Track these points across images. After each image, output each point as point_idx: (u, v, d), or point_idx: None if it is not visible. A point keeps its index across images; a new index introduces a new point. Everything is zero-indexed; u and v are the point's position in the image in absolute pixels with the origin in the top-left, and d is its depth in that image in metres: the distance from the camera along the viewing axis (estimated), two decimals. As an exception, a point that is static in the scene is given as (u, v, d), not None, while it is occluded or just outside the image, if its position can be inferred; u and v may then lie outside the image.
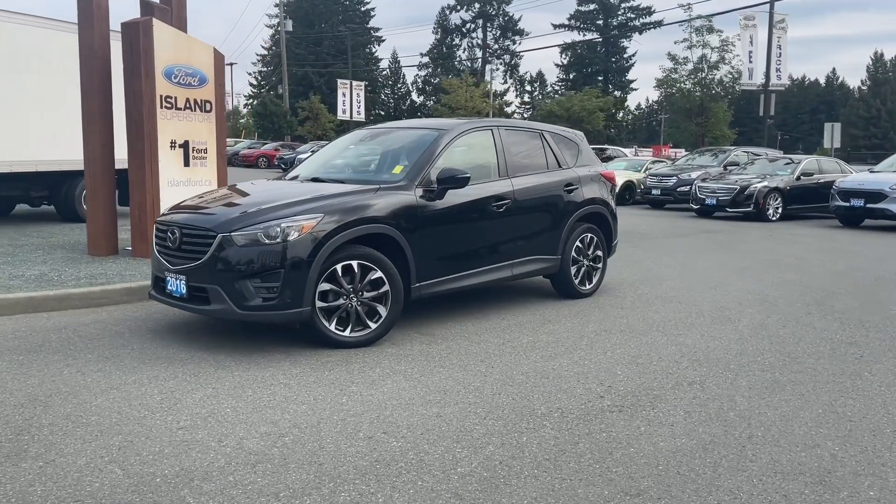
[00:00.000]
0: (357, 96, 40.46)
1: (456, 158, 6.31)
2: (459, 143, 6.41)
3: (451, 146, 6.27)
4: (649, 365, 5.10)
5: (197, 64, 9.02)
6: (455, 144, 6.35)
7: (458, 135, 6.38)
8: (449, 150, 6.25)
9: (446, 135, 6.30)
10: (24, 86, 11.28)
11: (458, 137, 6.38)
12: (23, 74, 11.27)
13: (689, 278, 8.62)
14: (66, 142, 11.00)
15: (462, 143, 6.47)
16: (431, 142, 6.23)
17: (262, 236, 5.09)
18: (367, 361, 5.09)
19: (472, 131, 6.61)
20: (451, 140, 6.29)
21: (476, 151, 6.65)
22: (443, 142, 6.22)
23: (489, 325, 6.21)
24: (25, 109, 11.26)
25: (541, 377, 4.80)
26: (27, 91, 11.30)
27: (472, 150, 6.64)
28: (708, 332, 6.07)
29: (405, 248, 5.65)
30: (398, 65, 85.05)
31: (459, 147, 6.42)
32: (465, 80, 49.40)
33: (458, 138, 6.38)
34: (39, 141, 11.36)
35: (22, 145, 11.29)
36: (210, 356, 5.15)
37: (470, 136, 6.58)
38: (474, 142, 6.65)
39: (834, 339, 5.88)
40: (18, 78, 11.24)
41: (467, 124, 6.61)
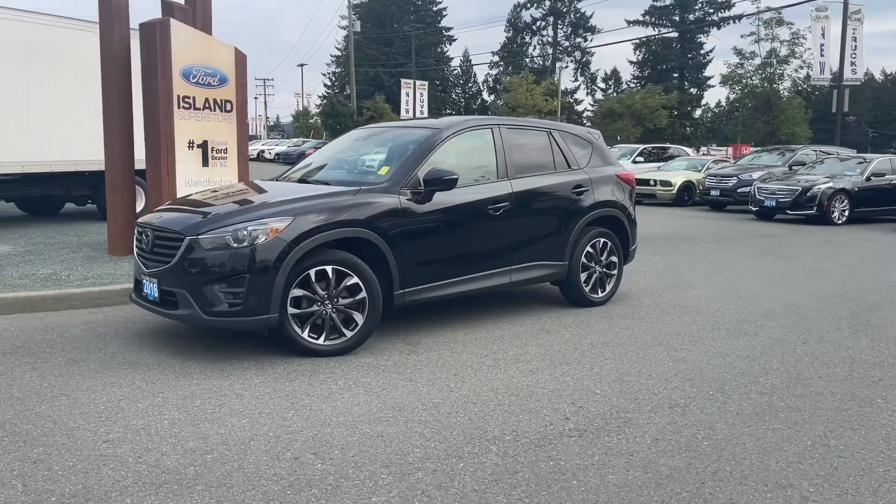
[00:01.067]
0: (420, 95, 40.45)
1: (449, 159, 6.02)
2: (454, 143, 6.12)
3: (442, 146, 5.98)
4: (635, 383, 4.70)
5: (217, 64, 8.98)
6: (448, 144, 6.06)
7: (451, 134, 6.08)
8: (441, 150, 5.96)
9: (438, 134, 6.01)
10: (65, 88, 11.53)
11: (451, 137, 6.08)
12: (64, 77, 11.53)
13: (719, 287, 8.08)
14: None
15: (457, 143, 6.17)
16: (421, 142, 5.95)
17: (230, 240, 4.92)
18: (334, 372, 4.86)
19: (469, 131, 6.29)
20: (443, 140, 6.00)
21: (473, 151, 6.35)
22: (433, 142, 5.94)
23: (481, 334, 5.89)
24: (66, 111, 11.50)
25: (510, 394, 4.47)
26: (68, 93, 11.54)
27: (469, 151, 6.33)
28: (716, 347, 5.60)
29: (386, 253, 5.40)
30: (469, 64, 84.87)
31: (454, 147, 6.13)
32: (526, 77, 48.66)
33: (451, 138, 6.08)
34: (79, 141, 11.58)
35: (62, 146, 11.54)
36: (178, 362, 5.02)
37: (466, 136, 6.27)
38: (471, 141, 6.34)
39: (856, 359, 5.33)
40: (60, 80, 11.50)
41: (463, 123, 6.31)
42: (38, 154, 11.19)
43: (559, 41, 75.10)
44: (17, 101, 10.96)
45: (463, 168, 6.14)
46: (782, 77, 35.13)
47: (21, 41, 10.98)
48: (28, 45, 11.04)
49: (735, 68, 36.45)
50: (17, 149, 10.94)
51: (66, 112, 11.47)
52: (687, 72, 76.43)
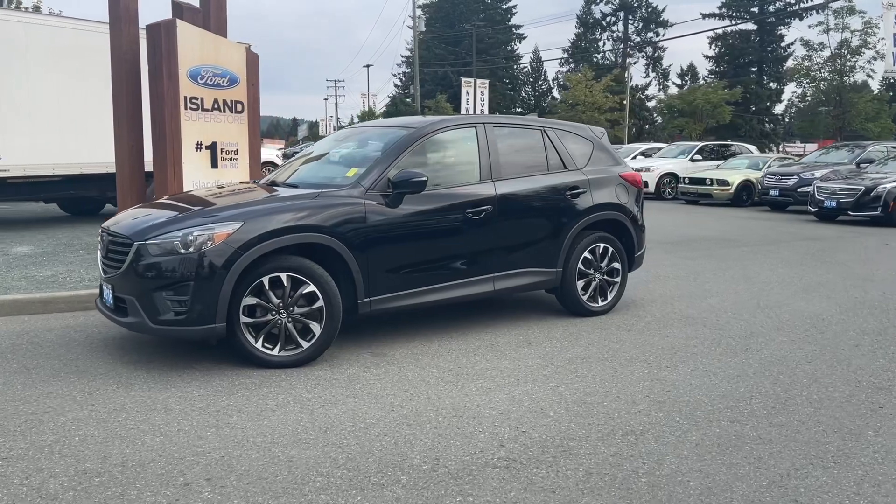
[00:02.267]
0: (481, 94, 40.07)
1: (426, 160, 5.71)
2: (431, 143, 5.80)
3: (417, 147, 5.66)
4: (597, 405, 4.29)
5: (227, 64, 8.88)
6: (425, 145, 5.74)
7: (428, 134, 5.76)
8: (415, 151, 5.65)
9: (414, 134, 5.70)
10: (95, 91, 11.70)
11: (428, 137, 5.76)
12: (94, 80, 11.70)
13: (741, 296, 7.49)
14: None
15: (435, 143, 5.85)
16: (394, 142, 5.65)
17: (177, 245, 4.73)
18: (281, 385, 4.61)
19: (449, 129, 5.95)
20: (419, 140, 5.68)
21: (453, 152, 6.01)
22: (408, 142, 5.63)
23: (457, 345, 5.55)
24: (96, 114, 11.66)
25: (454, 416, 4.12)
26: (97, 96, 11.70)
27: (449, 151, 5.99)
28: (707, 365, 5.11)
29: (348, 259, 5.12)
30: (539, 61, 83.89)
31: (431, 147, 5.81)
32: (585, 74, 47.51)
33: (428, 138, 5.76)
34: (109, 143, 11.74)
35: (94, 149, 11.72)
36: (129, 371, 4.87)
37: (446, 136, 5.94)
38: (452, 141, 6.00)
39: (862, 382, 4.75)
40: (89, 84, 11.68)
41: (444, 122, 5.97)
42: (69, 156, 11.39)
43: (630, 36, 73.39)
44: (49, 105, 11.17)
45: (441, 169, 5.83)
46: (853, 69, 33.15)
47: (53, 46, 11.20)
48: (60, 50, 11.24)
49: (802, 61, 34.63)
50: (49, 151, 11.16)
51: (96, 115, 11.62)
52: (766, 65, 73.45)
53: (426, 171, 5.61)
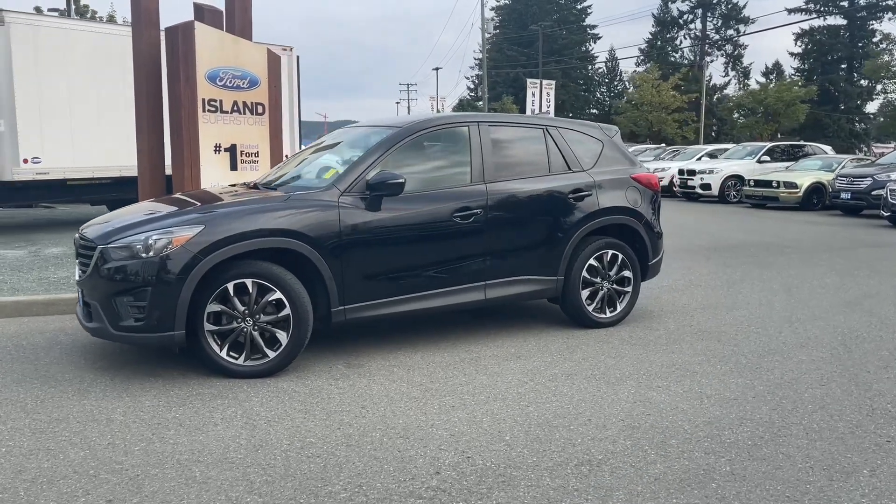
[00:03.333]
0: (547, 95, 39.42)
1: (411, 161, 5.42)
2: (418, 143, 5.50)
3: (400, 147, 5.37)
4: (560, 430, 3.91)
5: (247, 66, 8.81)
6: (410, 145, 5.45)
7: (413, 134, 5.46)
8: (399, 151, 5.37)
9: (399, 134, 5.41)
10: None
11: (414, 137, 5.46)
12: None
13: (774, 308, 6.90)
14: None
15: (422, 144, 5.55)
16: (377, 143, 5.38)
17: (137, 249, 4.58)
18: (237, 397, 4.41)
19: (438, 129, 5.64)
20: (402, 140, 5.39)
21: (442, 153, 5.70)
22: (390, 142, 5.35)
23: (440, 358, 5.24)
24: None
25: (400, 437, 3.82)
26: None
27: (437, 152, 5.69)
28: (705, 386, 4.64)
29: (320, 266, 4.88)
30: (615, 61, 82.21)
31: (418, 148, 5.51)
32: (652, 73, 46.04)
33: (413, 138, 5.46)
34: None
35: (133, 152, 11.88)
36: (92, 378, 4.74)
37: (435, 135, 5.63)
38: (441, 141, 5.69)
39: (877, 410, 4.21)
40: (131, 89, 11.85)
41: (433, 121, 5.65)
42: (108, 159, 11.58)
43: (708, 34, 71.09)
44: (89, 109, 11.38)
45: (428, 171, 5.53)
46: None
47: (94, 51, 11.41)
48: (100, 55, 11.45)
49: (879, 55, 32.57)
50: (89, 154, 11.36)
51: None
52: (857, 62, 69.87)
53: (411, 172, 5.33)
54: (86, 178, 11.41)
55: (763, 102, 39.15)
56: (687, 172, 21.22)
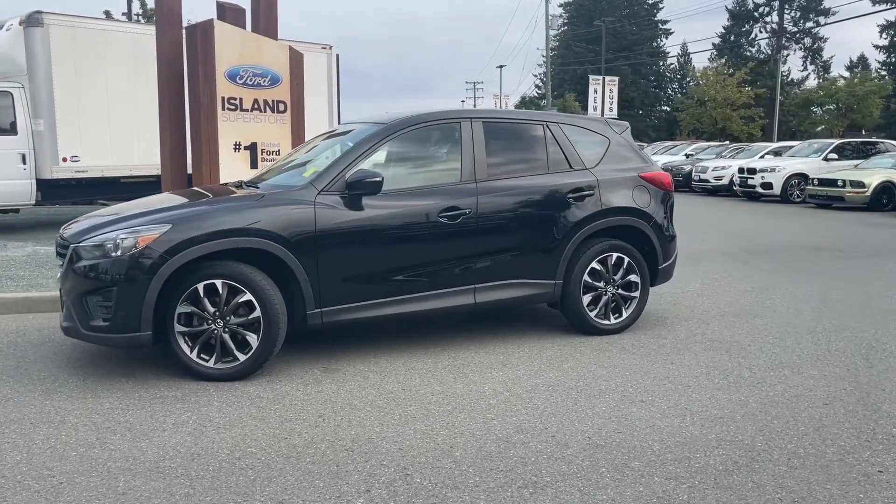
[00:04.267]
0: (609, 92, 38.58)
1: (396, 159, 5.22)
2: (404, 140, 5.31)
3: (385, 144, 5.19)
4: (518, 447, 3.65)
5: (268, 64, 8.77)
6: (396, 142, 5.25)
7: (399, 131, 5.25)
8: (384, 149, 5.19)
9: (382, 131, 5.22)
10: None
11: (400, 134, 5.25)
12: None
13: (802, 316, 6.43)
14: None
15: (409, 141, 5.35)
16: (360, 140, 5.20)
17: (107, 248, 4.52)
18: (198, 402, 4.29)
19: (426, 126, 5.40)
20: (388, 138, 5.19)
21: (430, 150, 5.49)
22: (373, 140, 5.16)
23: (422, 364, 5.02)
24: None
25: (345, 450, 3.63)
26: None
27: (426, 149, 5.48)
28: (694, 401, 4.29)
29: (294, 267, 4.73)
30: (687, 57, 80.00)
31: (404, 145, 5.32)
32: (718, 68, 44.37)
33: (400, 135, 5.26)
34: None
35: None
36: (64, 378, 4.71)
37: (422, 132, 5.41)
38: (430, 138, 5.47)
39: (878, 435, 3.79)
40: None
41: (421, 118, 5.41)
42: (145, 157, 11.74)
43: (785, 27, 68.42)
44: (126, 108, 11.60)
45: (414, 169, 5.32)
46: None
47: (132, 52, 11.59)
48: (138, 56, 11.62)
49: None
50: (127, 153, 11.59)
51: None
52: (948, 54, 65.93)
53: (396, 170, 5.14)
54: (123, 175, 11.60)
55: (834, 97, 37.27)
56: (747, 171, 20.35)
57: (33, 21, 10.47)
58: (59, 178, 10.90)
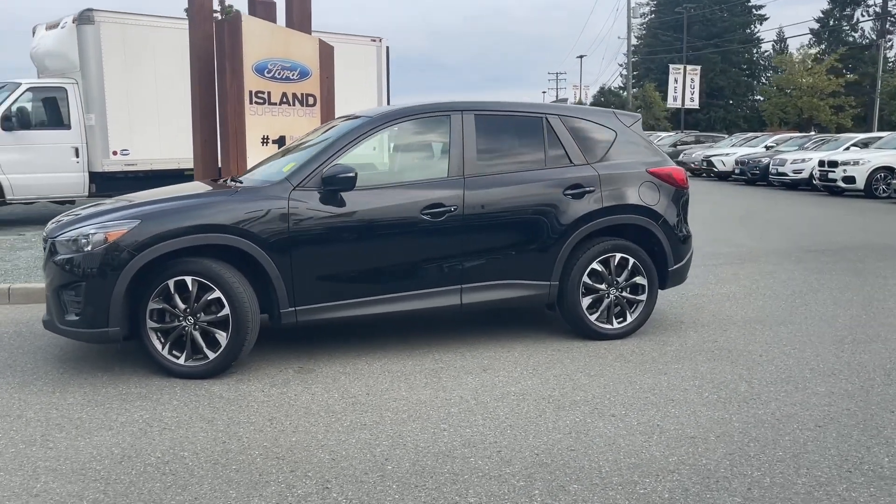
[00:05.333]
0: (691, 81, 37.16)
1: (379, 154, 5.05)
2: (388, 134, 5.15)
3: (367, 139, 5.01)
4: (457, 461, 3.43)
5: (297, 57, 8.75)
6: (379, 136, 5.09)
7: (381, 125, 5.07)
8: (366, 143, 5.02)
9: (364, 125, 5.04)
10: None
11: (384, 128, 5.08)
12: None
13: (833, 325, 5.90)
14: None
15: (394, 135, 5.18)
16: (342, 134, 5.05)
17: (76, 243, 4.53)
18: (159, 400, 4.25)
19: (412, 119, 5.19)
20: (369, 132, 5.01)
21: (417, 144, 5.27)
22: (354, 134, 4.99)
23: (401, 367, 4.84)
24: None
25: (276, 458, 3.49)
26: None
27: (411, 143, 5.27)
28: (672, 417, 3.95)
29: (265, 264, 4.63)
30: (783, 44, 76.38)
31: (388, 139, 5.14)
32: (804, 54, 41.93)
33: (384, 129, 5.09)
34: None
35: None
36: (44, 372, 4.76)
37: (408, 126, 5.21)
38: (416, 132, 5.27)
39: (863, 465, 3.38)
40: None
41: (406, 111, 5.20)
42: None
43: (889, 10, 64.33)
44: (175, 102, 11.76)
45: (399, 164, 5.14)
46: None
47: (181, 46, 11.79)
48: (186, 50, 11.82)
49: None
50: (175, 146, 11.77)
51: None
52: None
53: (378, 165, 4.96)
54: (171, 168, 11.83)
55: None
56: (828, 164, 19.16)
57: (85, 18, 10.80)
58: (109, 171, 11.23)
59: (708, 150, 27.54)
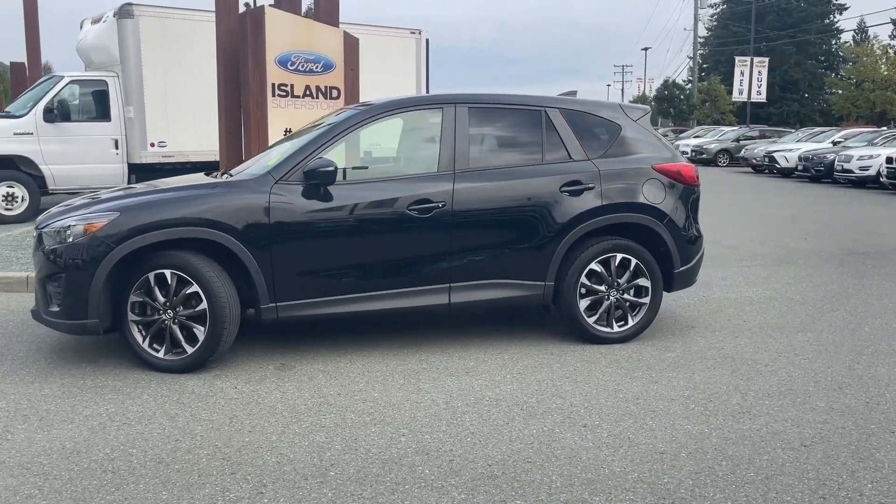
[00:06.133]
0: (758, 74, 35.83)
1: (366, 147, 4.93)
2: (378, 128, 4.98)
3: (354, 132, 4.90)
4: (403, 469, 3.28)
5: (321, 50, 8.69)
6: (368, 130, 4.95)
7: (369, 118, 4.93)
8: (352, 136, 4.91)
9: (352, 118, 4.93)
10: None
11: (369, 121, 4.93)
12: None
13: (856, 334, 5.52)
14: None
15: (384, 128, 5.03)
16: (328, 127, 4.94)
17: (58, 235, 4.56)
18: (130, 394, 4.23)
19: (402, 112, 5.06)
20: (357, 125, 4.89)
21: (407, 138, 5.13)
22: (340, 128, 4.88)
23: (381, 367, 4.71)
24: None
25: (220, 459, 3.41)
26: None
27: (401, 137, 5.12)
28: (641, 432, 3.72)
29: (245, 259, 4.57)
30: (864, 34, 73.09)
31: (377, 133, 5.00)
32: (882, 45, 39.76)
33: (373, 122, 4.94)
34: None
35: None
36: (32, 359, 4.81)
37: (397, 119, 5.07)
38: (407, 126, 5.13)
39: (839, 494, 3.09)
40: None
41: (396, 103, 5.06)
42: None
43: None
44: (211, 95, 11.91)
45: (386, 158, 5.00)
46: None
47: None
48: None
49: None
50: (211, 138, 11.86)
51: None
52: None
53: (365, 159, 4.85)
54: (208, 160, 11.94)
55: None
56: (896, 160, 18.18)
57: (125, 13, 10.99)
58: (147, 163, 11.43)
59: (771, 146, 26.51)
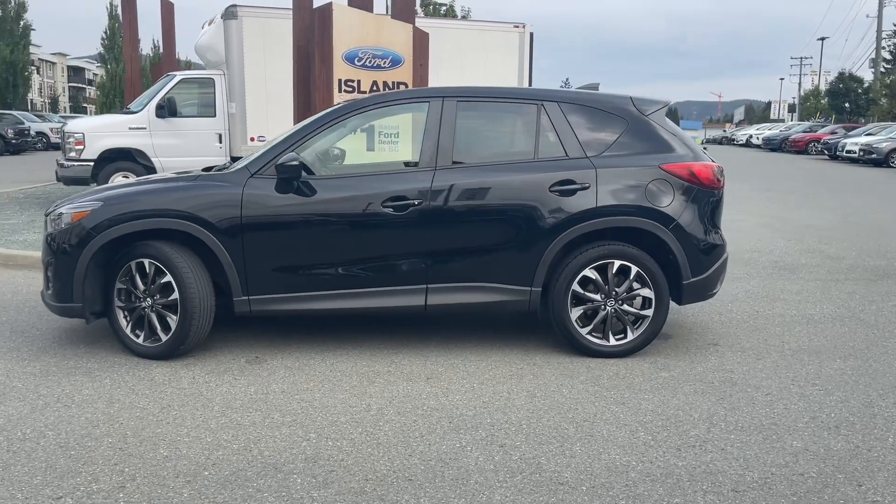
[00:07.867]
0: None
1: (349, 142, 4.84)
2: (356, 122, 4.90)
3: (335, 126, 4.81)
4: (275, 477, 3.16)
5: (389, 45, 8.71)
6: (348, 124, 4.85)
7: (348, 113, 4.82)
8: (332, 131, 4.82)
9: (332, 113, 4.85)
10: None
11: (353, 115, 4.83)
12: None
13: (880, 346, 4.75)
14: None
15: (366, 122, 4.91)
16: (308, 122, 4.89)
17: (56, 222, 4.83)
18: (100, 377, 4.38)
19: (384, 107, 4.90)
20: (336, 120, 4.81)
21: (388, 133, 4.95)
22: (320, 122, 4.82)
23: (346, 367, 4.60)
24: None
25: (107, 447, 3.44)
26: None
27: (382, 132, 4.95)
28: (567, 456, 3.36)
29: (217, 251, 4.62)
30: None
31: (357, 128, 4.89)
32: None
33: (353, 116, 4.84)
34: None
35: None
36: (28, 339, 5.06)
37: (381, 114, 4.93)
38: (391, 120, 4.99)
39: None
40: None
41: (379, 98, 4.93)
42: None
43: None
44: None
45: (365, 153, 4.86)
46: None
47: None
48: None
49: None
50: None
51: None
52: None
53: (345, 155, 4.76)
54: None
55: None
56: None
57: (229, 14, 11.54)
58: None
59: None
